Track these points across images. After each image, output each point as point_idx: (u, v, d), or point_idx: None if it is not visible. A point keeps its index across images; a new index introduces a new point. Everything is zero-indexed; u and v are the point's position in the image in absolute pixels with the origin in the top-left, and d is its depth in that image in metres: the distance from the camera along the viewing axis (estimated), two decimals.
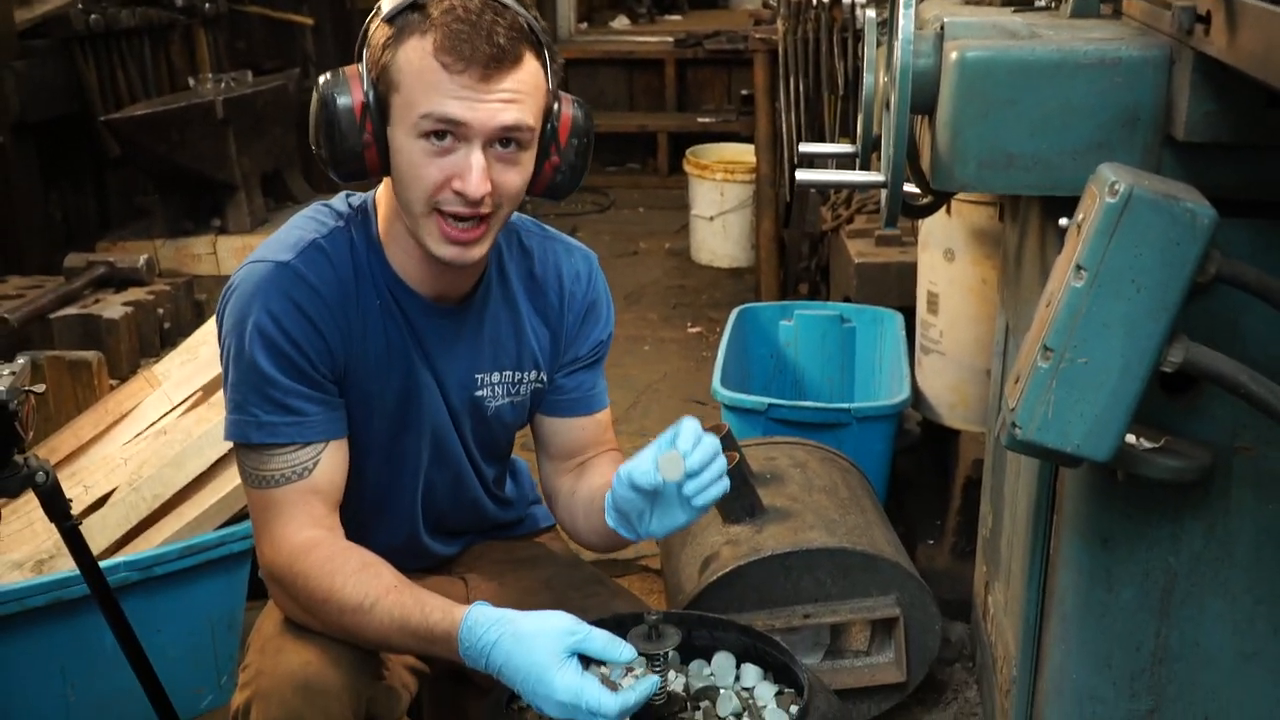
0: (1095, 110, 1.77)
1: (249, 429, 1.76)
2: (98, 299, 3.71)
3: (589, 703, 1.52)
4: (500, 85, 1.64)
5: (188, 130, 4.31)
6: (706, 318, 5.45)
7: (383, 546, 1.81)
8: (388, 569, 1.72)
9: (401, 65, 1.65)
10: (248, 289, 1.75)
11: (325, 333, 1.76)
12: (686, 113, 8.08)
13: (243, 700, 1.73)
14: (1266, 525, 1.92)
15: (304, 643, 1.75)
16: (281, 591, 1.78)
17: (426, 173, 1.67)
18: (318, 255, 1.78)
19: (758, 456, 2.79)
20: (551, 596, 1.99)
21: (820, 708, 1.69)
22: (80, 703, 2.58)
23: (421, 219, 1.71)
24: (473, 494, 2.02)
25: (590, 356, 2.02)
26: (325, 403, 1.78)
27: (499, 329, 1.92)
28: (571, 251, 2.00)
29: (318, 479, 1.77)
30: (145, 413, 2.91)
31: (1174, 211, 1.52)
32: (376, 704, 1.76)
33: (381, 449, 1.89)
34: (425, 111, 1.64)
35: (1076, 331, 1.56)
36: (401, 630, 1.66)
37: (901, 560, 2.50)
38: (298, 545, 1.74)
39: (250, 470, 1.78)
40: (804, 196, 4.90)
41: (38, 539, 2.62)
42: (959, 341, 3.11)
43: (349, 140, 1.69)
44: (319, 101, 1.70)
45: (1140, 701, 2.04)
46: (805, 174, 2.03)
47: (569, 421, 2.02)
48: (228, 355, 1.77)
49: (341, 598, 1.68)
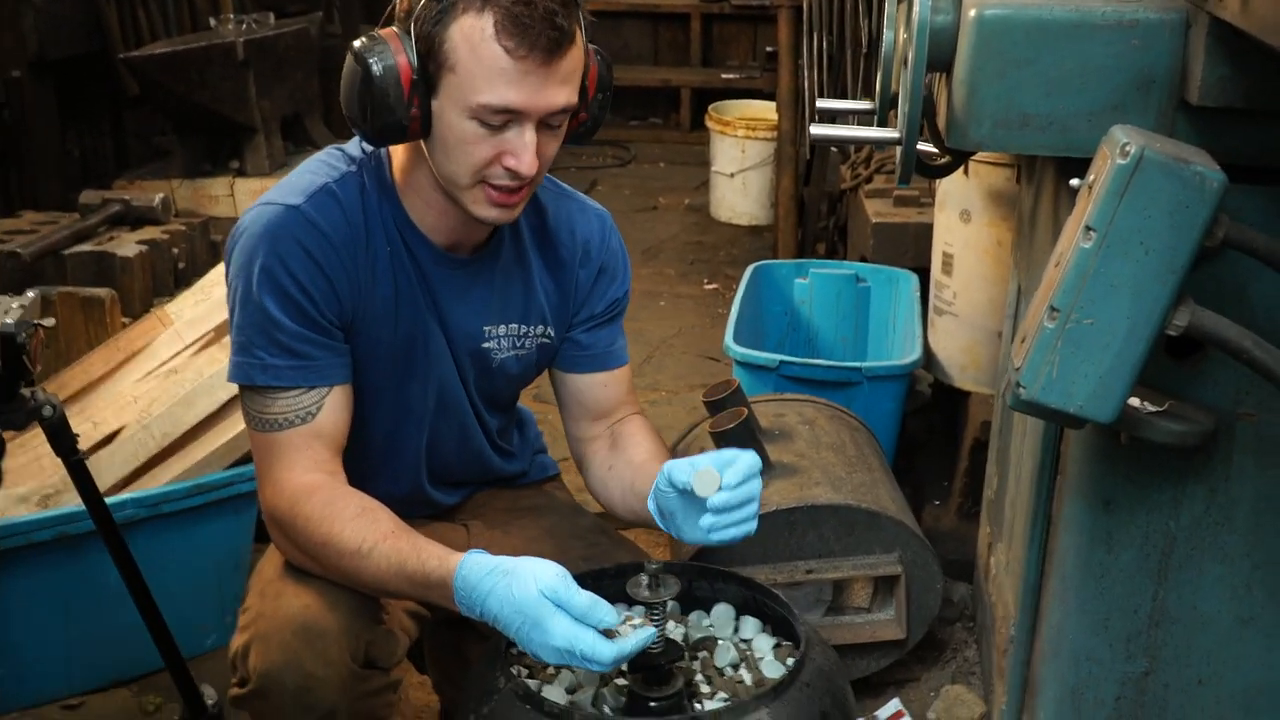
0: (1111, 72, 1.76)
1: (253, 371, 1.76)
2: (112, 236, 3.72)
3: (584, 650, 1.53)
4: (559, 67, 1.65)
5: (207, 71, 4.31)
6: (724, 274, 5.44)
7: (385, 495, 1.82)
8: (386, 514, 1.73)
9: (457, 44, 1.62)
10: (256, 231, 1.75)
11: (333, 278, 1.76)
12: (711, 68, 8.03)
13: (242, 642, 1.75)
14: (1267, 492, 1.92)
15: (303, 586, 1.76)
16: (281, 534, 1.79)
17: (478, 150, 1.67)
18: (328, 200, 1.77)
19: (767, 413, 2.79)
20: (553, 545, 2.01)
21: (816, 660, 1.70)
22: (83, 638, 2.62)
23: (466, 189, 1.72)
24: (477, 445, 2.04)
25: (608, 313, 2.03)
26: (331, 348, 1.78)
27: (509, 282, 1.92)
28: (585, 210, 2.00)
29: (321, 423, 1.78)
30: (157, 351, 2.92)
31: (1184, 174, 1.51)
32: (375, 647, 1.77)
33: (388, 396, 1.90)
34: (486, 101, 1.63)
35: (1084, 292, 1.56)
36: (398, 575, 1.67)
37: (905, 519, 2.50)
38: (298, 488, 1.75)
39: (254, 413, 1.79)
40: (824, 155, 4.87)
41: (44, 473, 2.64)
42: (972, 303, 3.10)
43: (395, 114, 1.66)
44: (360, 71, 1.65)
45: (1136, 663, 2.05)
46: (819, 129, 2.02)
47: (591, 378, 2.03)
48: (234, 296, 1.77)
49: (340, 542, 1.69)
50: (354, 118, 1.69)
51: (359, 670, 1.73)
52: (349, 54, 1.67)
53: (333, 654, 1.70)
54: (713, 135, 6.18)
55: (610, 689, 1.74)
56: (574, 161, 7.25)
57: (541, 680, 1.76)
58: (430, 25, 1.63)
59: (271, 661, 1.70)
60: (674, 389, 4.32)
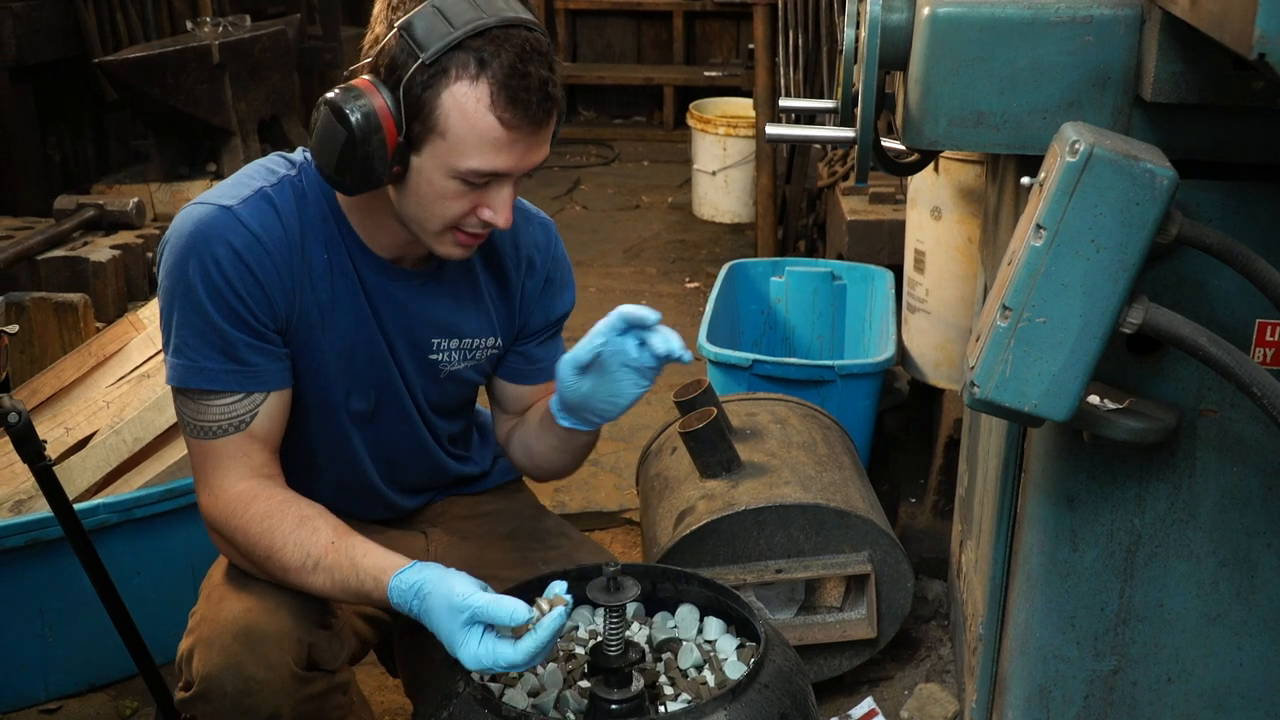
0: (1065, 69, 1.76)
1: (187, 374, 1.74)
2: (87, 241, 3.71)
3: (497, 662, 1.54)
4: (546, 131, 1.66)
5: (183, 74, 4.30)
6: (705, 273, 5.44)
7: (337, 486, 1.83)
8: (324, 521, 1.72)
9: (449, 110, 1.59)
10: (187, 230, 1.71)
11: (264, 282, 1.73)
12: (694, 65, 8.04)
13: (187, 646, 1.75)
14: (1230, 489, 1.92)
15: (246, 590, 1.76)
16: (224, 542, 1.78)
17: (455, 205, 1.67)
18: (262, 204, 1.74)
19: (739, 412, 2.79)
20: (513, 548, 2.01)
21: (776, 661, 1.70)
22: (59, 643, 2.62)
23: (434, 234, 1.71)
24: (428, 450, 2.02)
25: (558, 324, 2.03)
26: (266, 351, 1.76)
27: (458, 296, 1.91)
28: (529, 219, 1.98)
29: (255, 429, 1.76)
30: (129, 356, 2.92)
31: (1134, 172, 1.51)
32: (318, 650, 1.77)
33: (323, 399, 1.87)
34: (475, 167, 1.62)
35: (1035, 291, 1.56)
36: (344, 592, 1.69)
37: (875, 517, 2.50)
38: (235, 497, 1.74)
39: (188, 419, 1.77)
40: (805, 152, 4.88)
41: (17, 479, 2.64)
42: (945, 300, 3.10)
43: (376, 173, 1.63)
44: (341, 131, 1.60)
45: (1104, 661, 2.05)
46: (775, 129, 2.02)
47: (536, 388, 2.03)
48: (167, 298, 1.74)
49: (282, 557, 1.69)
50: (328, 171, 1.65)
51: (301, 673, 1.73)
52: (326, 108, 1.62)
53: (273, 657, 1.70)
54: (694, 133, 6.18)
55: (573, 692, 1.74)
56: (558, 161, 7.25)
57: (504, 684, 1.76)
58: (420, 90, 1.59)
59: (213, 665, 1.70)
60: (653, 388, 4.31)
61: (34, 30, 4.53)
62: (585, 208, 6.50)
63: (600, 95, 8.13)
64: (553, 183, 6.81)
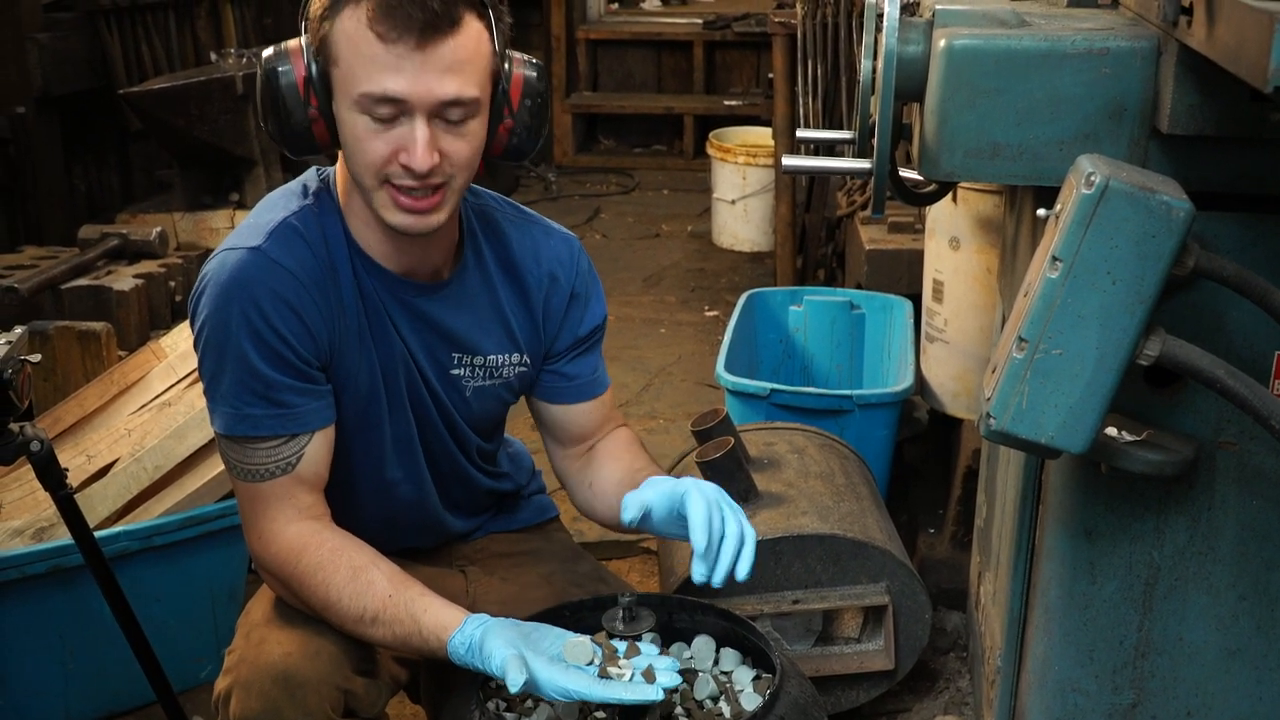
0: (1082, 101, 1.76)
1: (232, 421, 1.74)
2: (110, 270, 3.74)
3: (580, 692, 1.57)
4: (438, 54, 1.61)
5: (207, 105, 4.34)
6: (724, 302, 5.44)
7: (378, 517, 1.87)
8: (380, 573, 1.72)
9: (338, 37, 1.63)
10: (223, 279, 1.71)
11: (306, 317, 1.73)
12: (714, 95, 8.06)
13: (225, 687, 1.76)
14: (1250, 521, 1.91)
15: (286, 633, 1.76)
16: (279, 585, 1.79)
17: (372, 147, 1.65)
18: (290, 235, 1.75)
19: (756, 442, 2.79)
20: (551, 592, 1.99)
21: (791, 692, 1.70)
22: (80, 670, 2.63)
23: (374, 191, 1.69)
24: (461, 468, 2.01)
25: (590, 339, 2.00)
26: (311, 392, 1.76)
27: (478, 313, 1.89)
28: (550, 235, 1.97)
29: (302, 471, 1.76)
30: (151, 384, 2.94)
31: (1150, 204, 1.51)
32: (355, 698, 1.77)
33: (365, 425, 1.86)
34: (364, 90, 1.62)
35: (1051, 322, 1.56)
36: (404, 646, 1.71)
37: (893, 548, 2.50)
38: (286, 546, 1.74)
39: (234, 463, 1.77)
40: (824, 182, 4.88)
41: (39, 506, 2.65)
42: (963, 330, 3.10)
43: (294, 117, 1.67)
44: (262, 77, 1.68)
45: (1123, 695, 2.03)
46: (791, 160, 2.02)
47: (576, 408, 2.01)
48: (205, 347, 1.74)
49: (339, 611, 1.71)
50: (265, 127, 1.71)
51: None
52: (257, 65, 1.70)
53: (312, 704, 1.70)
54: (714, 162, 6.20)
55: None
56: (578, 190, 7.28)
57: (519, 713, 1.76)
58: (319, 24, 1.64)
59: (250, 709, 1.70)
60: (671, 417, 4.32)
61: (60, 61, 4.58)
62: (605, 236, 6.52)
63: (621, 124, 8.17)
64: (573, 211, 6.83)
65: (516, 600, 1.96)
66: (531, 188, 7.27)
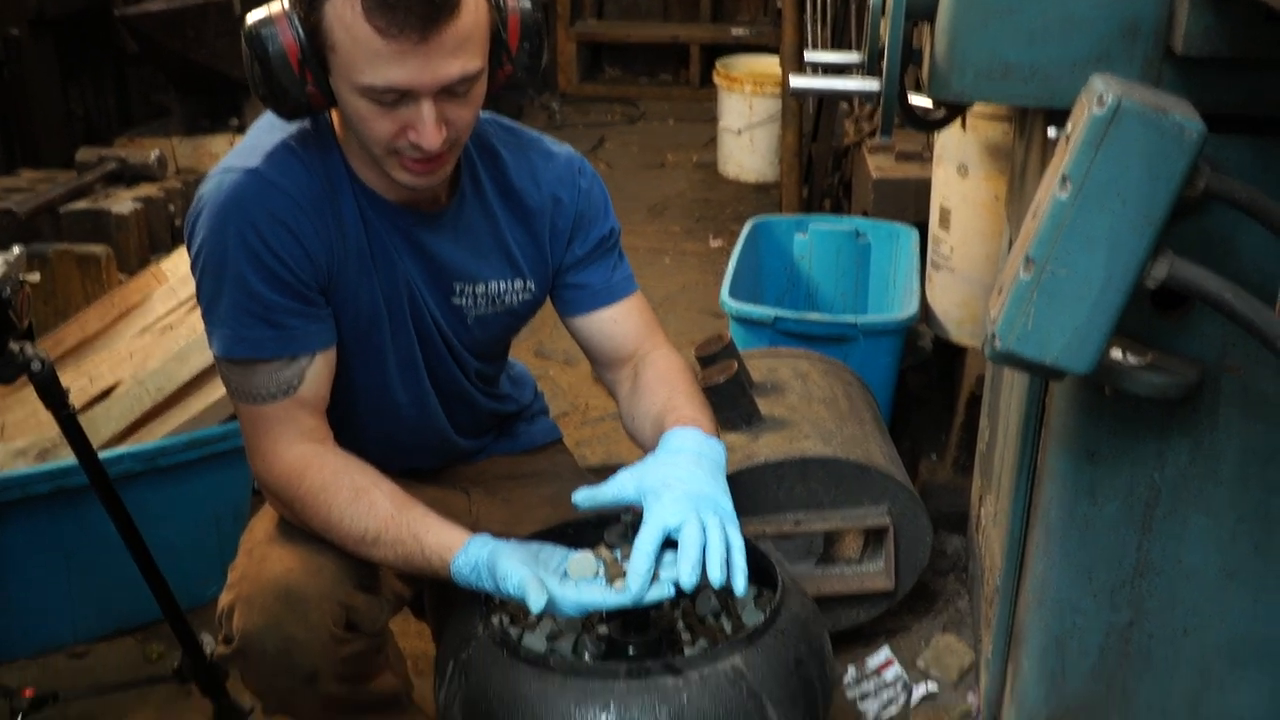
0: (1095, 21, 1.74)
1: (231, 344, 1.73)
2: (109, 194, 3.71)
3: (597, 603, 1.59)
4: (440, 42, 1.55)
5: (204, 28, 4.28)
6: (729, 232, 5.41)
7: (380, 438, 1.87)
8: (381, 493, 1.71)
9: (332, 24, 1.55)
10: (219, 200, 1.68)
11: (304, 240, 1.71)
12: (721, 23, 7.96)
13: (227, 601, 1.77)
14: (1252, 445, 1.92)
15: (288, 550, 1.78)
16: (282, 507, 1.80)
17: (379, 125, 1.61)
18: (289, 157, 1.72)
19: (760, 367, 2.79)
20: (554, 513, 1.99)
21: (793, 608, 1.71)
22: (85, 589, 2.65)
23: (382, 158, 1.67)
24: (462, 387, 2.00)
25: (598, 250, 1.97)
26: (309, 314, 1.74)
27: (477, 240, 1.87)
28: (551, 157, 1.93)
29: (304, 393, 1.76)
30: (153, 307, 2.93)
31: (1162, 124, 1.49)
32: (357, 613, 1.78)
33: (367, 349, 1.86)
34: (368, 84, 1.56)
35: (1059, 243, 1.55)
36: (406, 565, 1.71)
37: (894, 472, 2.51)
38: (288, 466, 1.74)
39: (236, 386, 1.76)
40: (831, 110, 4.84)
41: (42, 427, 2.66)
42: (969, 258, 3.09)
43: (291, 91, 1.62)
44: (250, 45, 1.60)
45: (1120, 614, 2.05)
46: (799, 80, 2.00)
47: (599, 316, 1.97)
48: (203, 270, 1.72)
49: (341, 531, 1.71)
50: (260, 97, 1.65)
51: (340, 634, 1.75)
52: (241, 34, 1.62)
53: (313, 619, 1.72)
54: (720, 92, 6.14)
55: (590, 636, 1.75)
56: (582, 119, 7.22)
57: (523, 627, 1.78)
58: (308, 4, 1.57)
59: (253, 624, 1.72)
60: (676, 344, 4.26)
61: None
62: (610, 165, 6.48)
63: (626, 53, 8.07)
64: (577, 140, 6.77)
65: (519, 521, 1.97)
66: (535, 116, 7.21)
